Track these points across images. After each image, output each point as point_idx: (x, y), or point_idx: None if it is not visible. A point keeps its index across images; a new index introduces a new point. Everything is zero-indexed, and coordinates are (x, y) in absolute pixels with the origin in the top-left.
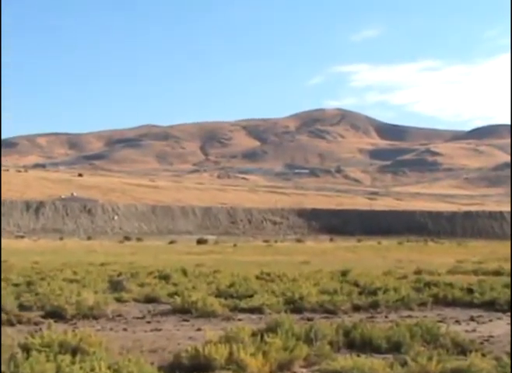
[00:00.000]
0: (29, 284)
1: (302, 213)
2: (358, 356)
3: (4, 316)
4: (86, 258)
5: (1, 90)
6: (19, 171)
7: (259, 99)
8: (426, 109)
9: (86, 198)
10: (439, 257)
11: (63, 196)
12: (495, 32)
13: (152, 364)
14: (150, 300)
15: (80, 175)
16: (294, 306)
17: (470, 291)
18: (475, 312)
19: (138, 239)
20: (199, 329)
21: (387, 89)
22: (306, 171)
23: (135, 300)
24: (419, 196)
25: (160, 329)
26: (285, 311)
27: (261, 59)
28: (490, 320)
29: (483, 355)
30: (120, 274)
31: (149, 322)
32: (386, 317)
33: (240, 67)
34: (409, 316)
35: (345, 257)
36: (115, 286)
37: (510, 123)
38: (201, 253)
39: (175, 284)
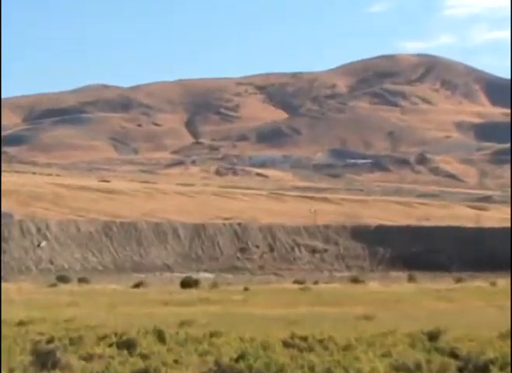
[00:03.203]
0: None
1: (360, 233)
2: None
3: None
4: None
5: None
6: None
7: (284, 39)
8: None
9: None
10: None
11: None
12: None
13: None
14: None
15: None
16: None
17: None
18: None
19: (82, 281)
20: None
21: (504, 21)
22: (367, 161)
23: None
24: None
25: None
26: None
27: None
28: None
29: None
30: (51, 340)
31: None
32: None
33: None
34: None
35: (435, 308)
36: (43, 360)
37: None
38: (188, 303)
39: (145, 357)
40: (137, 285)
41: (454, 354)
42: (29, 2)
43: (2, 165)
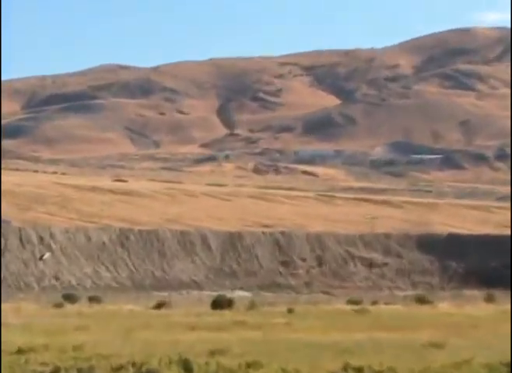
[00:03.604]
0: None
1: (428, 244)
2: None
3: None
4: None
5: None
6: None
7: (335, 10)
8: None
9: None
10: None
11: None
12: None
13: None
14: None
15: None
16: None
17: None
18: None
19: (93, 300)
20: None
21: None
22: (436, 157)
23: None
24: None
25: None
26: None
27: None
28: None
29: None
30: (56, 371)
31: None
32: None
33: None
34: None
35: None
36: None
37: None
38: (220, 328)
39: None
40: (159, 306)
41: None
42: None
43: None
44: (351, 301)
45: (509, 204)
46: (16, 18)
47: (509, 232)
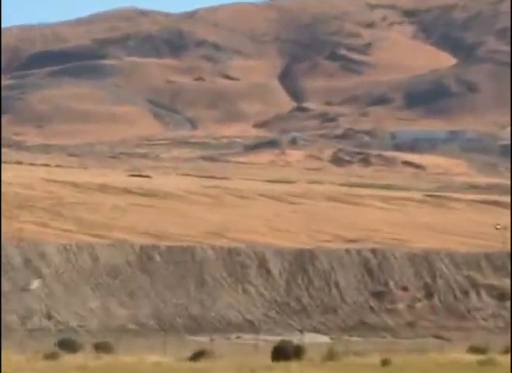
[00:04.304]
0: None
1: None
2: None
3: None
4: None
5: None
6: None
7: None
8: None
9: None
10: None
11: None
12: None
13: None
14: None
15: None
16: None
17: None
18: None
19: (101, 348)
20: None
21: None
22: None
23: None
24: None
25: None
26: None
27: None
28: None
29: None
30: None
31: None
32: None
33: None
34: None
35: None
36: None
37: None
38: None
39: None
40: (196, 356)
41: None
42: None
43: None
44: (473, 349)
45: None
46: None
47: None
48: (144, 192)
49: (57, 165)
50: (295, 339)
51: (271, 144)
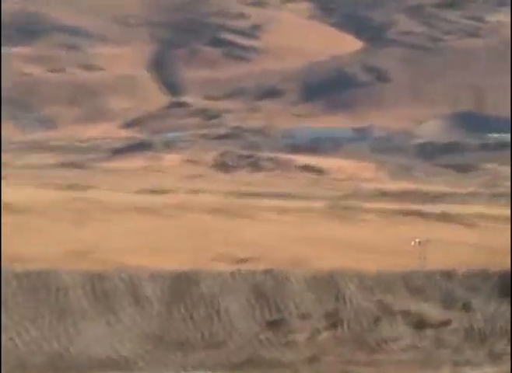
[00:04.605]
0: None
1: None
2: None
3: None
4: None
5: None
6: None
7: None
8: None
9: None
10: None
11: None
12: None
13: None
14: None
15: None
16: None
17: None
18: None
19: None
20: None
21: None
22: None
23: None
24: None
25: None
26: None
27: None
28: None
29: None
30: None
31: None
32: None
33: None
34: None
35: None
36: None
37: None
38: None
39: None
40: None
41: None
42: None
43: None
44: None
45: None
46: None
47: None
48: None
49: None
50: None
51: (143, 146)
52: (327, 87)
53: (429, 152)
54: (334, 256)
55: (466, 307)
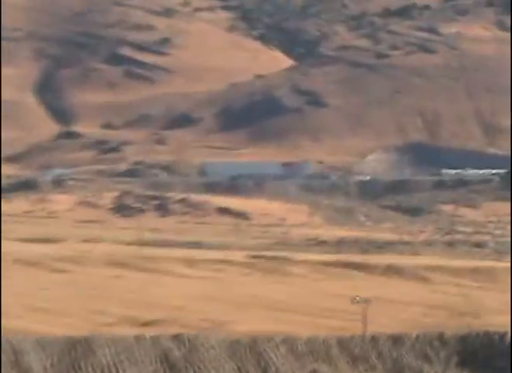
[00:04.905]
0: None
1: (479, 355)
2: None
3: None
4: None
5: None
6: None
7: None
8: None
9: None
10: None
11: None
12: None
13: None
14: None
15: None
16: None
17: None
18: None
19: None
20: None
21: None
22: (494, 172)
23: None
24: None
25: None
26: None
27: None
28: None
29: None
30: None
31: None
32: None
33: None
34: None
35: None
36: None
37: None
38: None
39: None
40: None
41: None
42: None
43: None
44: None
45: None
46: None
47: None
48: None
49: None
50: None
51: (27, 186)
52: (251, 113)
53: (373, 192)
54: (258, 317)
55: None
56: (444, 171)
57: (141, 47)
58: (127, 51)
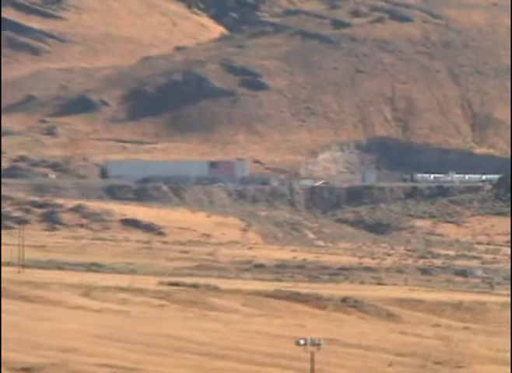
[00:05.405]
0: None
1: None
2: None
3: None
4: None
5: None
6: None
7: None
8: None
9: None
10: None
11: None
12: None
13: None
14: None
15: None
16: None
17: None
18: None
19: None
20: None
21: None
22: (475, 178)
23: None
24: None
25: None
26: None
27: None
28: None
29: None
30: None
31: None
32: None
33: None
34: None
35: None
36: None
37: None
38: None
39: None
40: None
41: None
42: None
43: None
44: None
45: None
46: None
47: None
48: None
49: None
50: None
51: None
52: (168, 97)
53: (326, 202)
54: (174, 364)
55: None
56: (419, 175)
57: (27, 9)
58: (9, 14)
